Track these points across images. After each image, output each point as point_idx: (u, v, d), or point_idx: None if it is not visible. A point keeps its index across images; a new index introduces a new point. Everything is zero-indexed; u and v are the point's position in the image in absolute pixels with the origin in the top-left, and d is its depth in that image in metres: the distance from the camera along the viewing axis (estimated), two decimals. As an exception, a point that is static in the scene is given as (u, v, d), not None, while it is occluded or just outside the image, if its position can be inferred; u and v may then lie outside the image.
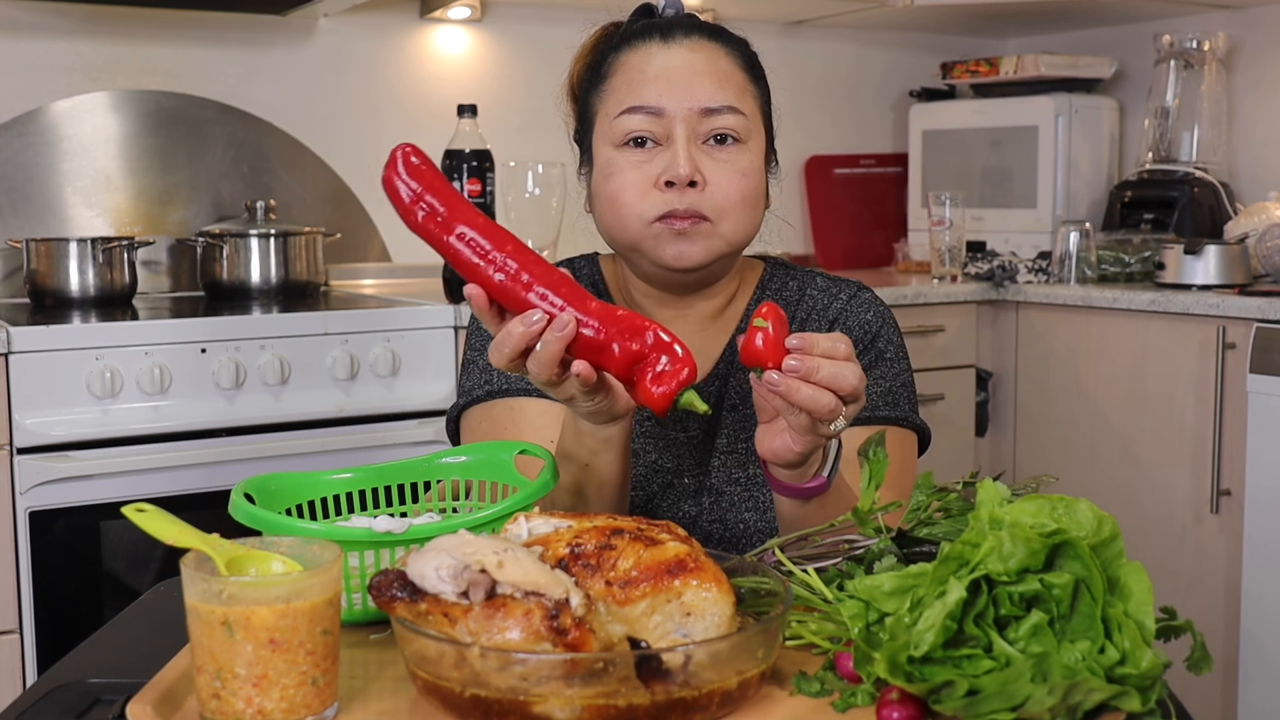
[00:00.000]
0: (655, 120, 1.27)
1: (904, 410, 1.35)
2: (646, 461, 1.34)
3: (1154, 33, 3.22)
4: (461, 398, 1.38)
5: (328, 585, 0.80)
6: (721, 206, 1.27)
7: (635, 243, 1.29)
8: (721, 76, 1.29)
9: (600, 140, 1.31)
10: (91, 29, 2.78)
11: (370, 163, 3.06)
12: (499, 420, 1.33)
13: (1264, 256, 2.75)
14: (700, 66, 1.29)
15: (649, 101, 1.27)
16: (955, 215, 3.06)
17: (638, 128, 1.27)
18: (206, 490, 2.19)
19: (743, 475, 1.34)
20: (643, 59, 1.30)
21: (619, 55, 1.32)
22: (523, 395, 1.33)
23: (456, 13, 3.08)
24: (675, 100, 1.27)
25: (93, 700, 0.85)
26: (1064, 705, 0.74)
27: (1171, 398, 2.67)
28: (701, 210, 1.26)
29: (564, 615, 0.78)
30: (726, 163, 1.27)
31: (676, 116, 1.27)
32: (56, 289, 2.47)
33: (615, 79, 1.31)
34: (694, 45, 1.30)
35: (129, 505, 0.85)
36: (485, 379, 1.35)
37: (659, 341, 1.02)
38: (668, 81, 1.28)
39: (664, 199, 1.26)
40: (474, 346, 1.39)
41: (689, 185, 1.25)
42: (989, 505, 0.84)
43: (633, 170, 1.27)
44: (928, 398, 2.90)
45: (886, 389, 1.35)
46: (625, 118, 1.28)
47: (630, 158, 1.28)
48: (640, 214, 1.27)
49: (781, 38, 3.53)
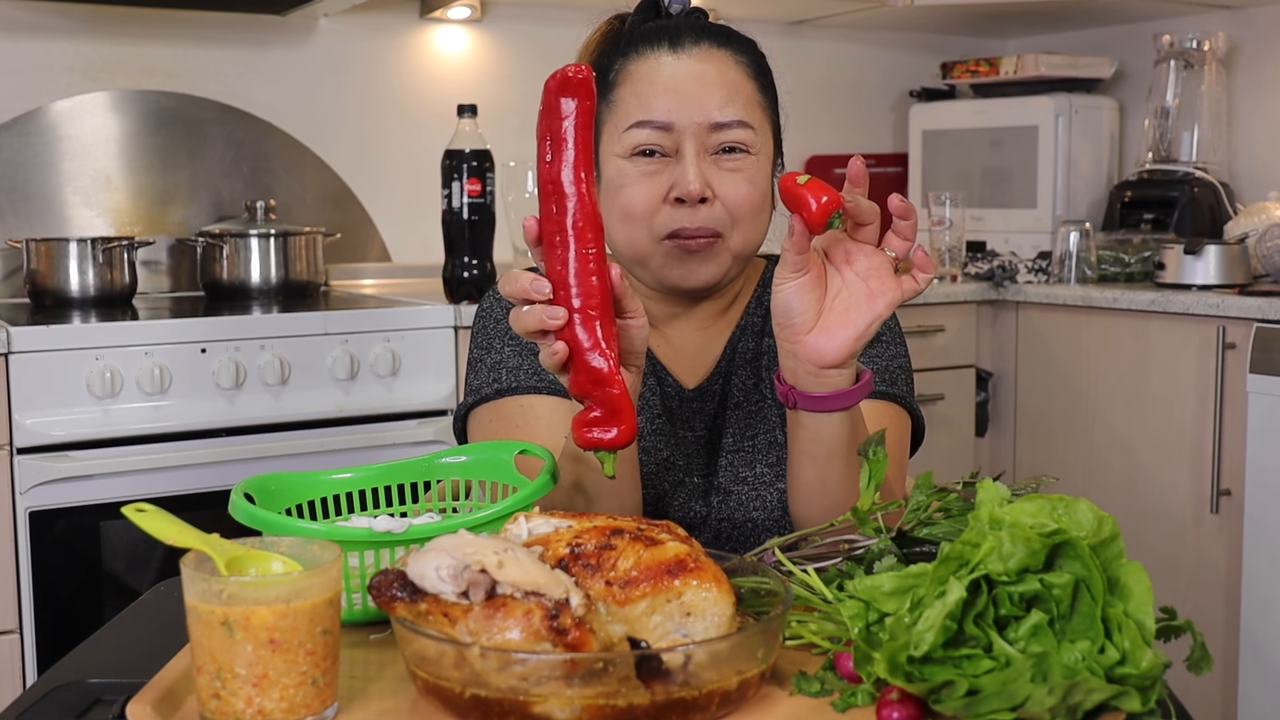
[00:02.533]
0: (664, 134, 1.26)
1: (900, 390, 1.35)
2: (658, 459, 1.34)
3: (1154, 33, 3.22)
4: (470, 396, 1.37)
5: (328, 585, 0.80)
6: (731, 218, 1.27)
7: (644, 258, 1.29)
8: (731, 89, 1.28)
9: (609, 151, 1.30)
10: (91, 29, 2.78)
11: (370, 163, 3.06)
12: (509, 418, 1.32)
13: (1264, 256, 2.75)
14: (710, 78, 1.28)
15: (658, 116, 1.26)
16: (955, 215, 3.06)
17: (646, 141, 1.26)
18: (206, 490, 2.19)
19: (749, 474, 1.34)
20: (651, 70, 1.28)
21: (626, 63, 1.31)
22: (532, 393, 1.32)
23: (456, 13, 3.08)
24: (684, 114, 1.26)
25: (93, 700, 0.85)
26: (1064, 705, 0.74)
27: (1171, 398, 2.67)
28: (713, 226, 1.26)
29: (564, 615, 0.78)
30: (735, 172, 1.27)
31: (686, 131, 1.26)
32: (56, 289, 2.47)
33: (623, 89, 1.30)
34: (704, 55, 1.29)
35: (129, 505, 0.84)
36: (494, 377, 1.34)
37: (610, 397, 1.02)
38: (677, 95, 1.26)
39: (674, 216, 1.25)
40: (480, 346, 1.38)
41: (699, 201, 1.25)
42: (989, 505, 0.84)
43: (643, 181, 1.26)
44: (928, 398, 2.90)
45: (884, 367, 1.35)
46: (634, 132, 1.27)
47: (640, 168, 1.27)
48: (650, 231, 1.26)
49: (782, 38, 3.53)
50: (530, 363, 1.33)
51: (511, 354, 1.34)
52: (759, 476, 1.33)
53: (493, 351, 1.36)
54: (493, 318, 1.38)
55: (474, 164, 2.49)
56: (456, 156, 2.49)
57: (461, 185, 2.49)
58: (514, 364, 1.34)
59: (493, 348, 1.36)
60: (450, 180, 2.50)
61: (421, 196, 3.00)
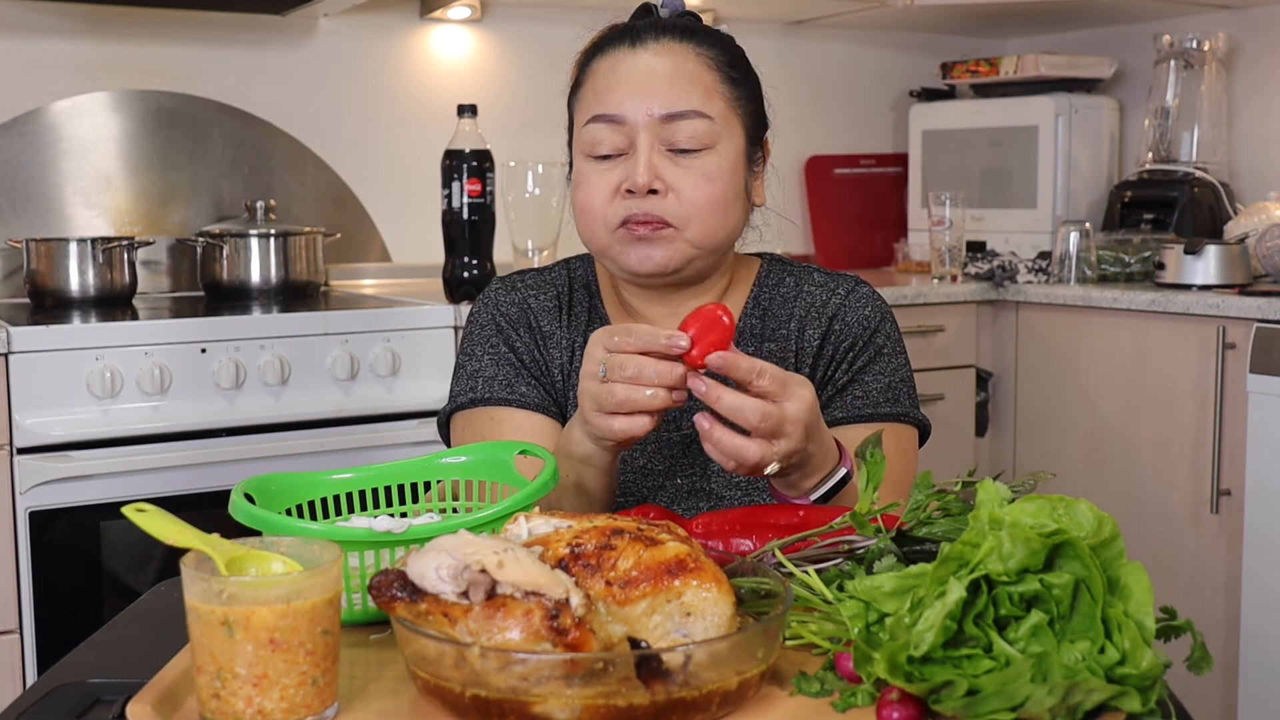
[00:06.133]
0: (618, 129, 1.28)
1: (904, 406, 1.35)
2: (634, 466, 1.34)
3: (1154, 33, 3.22)
4: (449, 402, 1.39)
5: (328, 585, 0.80)
6: (686, 213, 1.27)
7: (602, 249, 1.31)
8: (685, 79, 1.28)
9: (575, 147, 1.33)
10: (91, 29, 2.78)
11: (370, 163, 3.06)
12: (479, 429, 1.34)
13: (1264, 256, 2.75)
14: (662, 71, 1.28)
15: (610, 109, 1.28)
16: (955, 215, 3.06)
17: (601, 136, 1.28)
18: (206, 490, 2.19)
19: (743, 479, 1.33)
20: (609, 66, 1.31)
21: (592, 62, 1.33)
22: (503, 405, 1.34)
23: (456, 13, 3.08)
24: (635, 107, 1.27)
25: (93, 700, 0.85)
26: (1064, 705, 0.74)
27: (1171, 398, 2.67)
28: (663, 216, 1.27)
29: (564, 615, 0.78)
30: (690, 169, 1.27)
31: (638, 123, 1.27)
32: (56, 289, 2.47)
33: (585, 87, 1.33)
34: (661, 49, 1.30)
35: (129, 505, 0.84)
36: (470, 386, 1.36)
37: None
38: (629, 89, 1.28)
39: (624, 205, 1.27)
40: (464, 351, 1.39)
41: (649, 193, 1.26)
42: (989, 505, 0.84)
43: (598, 178, 1.29)
44: (928, 398, 2.90)
45: (886, 385, 1.35)
46: (591, 126, 1.29)
47: (596, 166, 1.29)
48: (604, 221, 1.29)
49: (781, 38, 3.53)
50: (505, 374, 1.34)
51: (489, 363, 1.35)
52: (752, 481, 1.33)
53: (474, 359, 1.37)
54: (478, 324, 1.39)
55: (474, 164, 2.49)
56: (456, 156, 2.49)
57: (461, 185, 2.49)
58: (490, 374, 1.35)
59: (474, 355, 1.37)
60: (450, 180, 2.50)
61: (421, 196, 3.00)
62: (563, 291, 1.40)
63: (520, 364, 1.35)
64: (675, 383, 1.05)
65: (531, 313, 1.38)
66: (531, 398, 1.33)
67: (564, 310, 1.39)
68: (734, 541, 1.05)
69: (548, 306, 1.39)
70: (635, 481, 1.33)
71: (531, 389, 1.34)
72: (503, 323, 1.37)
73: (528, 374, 1.35)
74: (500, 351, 1.36)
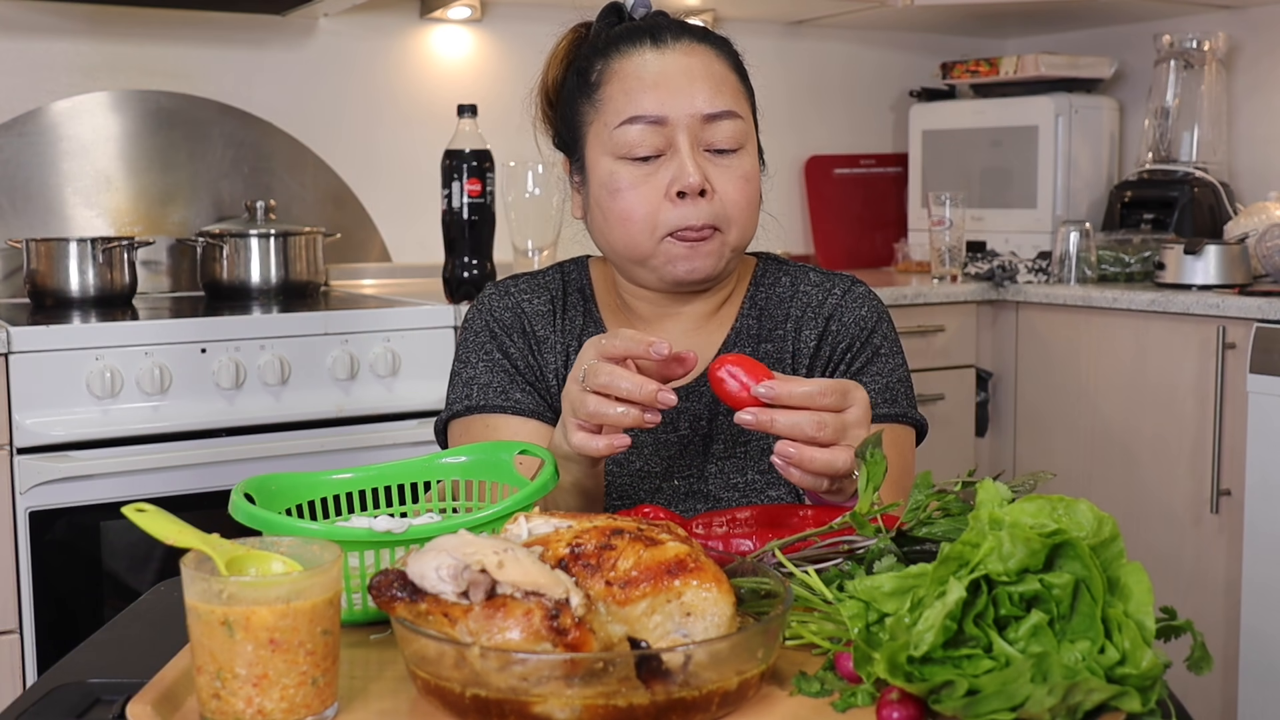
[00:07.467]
0: (657, 129, 1.26)
1: (902, 406, 1.35)
2: (631, 469, 1.34)
3: (1154, 33, 3.22)
4: (445, 411, 1.39)
5: (328, 585, 0.80)
6: (730, 214, 1.27)
7: (644, 258, 1.29)
8: (718, 80, 1.28)
9: (598, 151, 1.30)
10: (91, 29, 2.78)
11: (370, 163, 3.06)
12: (475, 436, 1.34)
13: (1264, 256, 2.75)
14: (697, 71, 1.28)
15: (650, 110, 1.26)
16: (955, 215, 3.06)
17: (641, 138, 1.26)
18: (206, 490, 2.19)
19: (740, 480, 1.33)
20: (638, 66, 1.29)
21: (610, 62, 1.31)
22: (498, 413, 1.33)
23: (456, 13, 3.08)
24: (676, 107, 1.26)
25: (93, 700, 0.85)
26: (1064, 705, 0.74)
27: (1171, 398, 2.67)
28: (713, 221, 1.26)
29: (564, 615, 0.78)
30: (729, 168, 1.27)
31: (679, 124, 1.26)
32: (56, 289, 2.47)
33: (610, 87, 1.30)
34: (687, 49, 1.29)
35: (129, 505, 0.84)
36: (465, 394, 1.35)
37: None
38: (667, 88, 1.26)
39: (678, 213, 1.25)
40: (460, 358, 1.39)
41: (699, 194, 1.25)
42: (989, 505, 0.84)
43: (641, 184, 1.26)
44: (928, 398, 2.90)
45: (884, 385, 1.34)
46: (626, 128, 1.27)
47: (635, 171, 1.27)
48: (653, 230, 1.26)
49: (781, 38, 3.53)
50: (499, 380, 1.34)
51: (484, 370, 1.35)
52: (750, 483, 1.33)
53: (469, 365, 1.36)
54: (472, 330, 1.39)
55: (474, 164, 2.49)
56: (456, 156, 2.49)
57: (461, 185, 2.49)
58: (484, 381, 1.34)
59: (469, 361, 1.37)
60: (450, 180, 2.50)
61: (421, 196, 3.00)
62: (557, 295, 1.40)
63: (515, 370, 1.35)
64: (646, 399, 1.04)
65: (526, 317, 1.37)
66: (526, 404, 1.33)
67: (558, 314, 1.38)
68: (734, 542, 1.05)
69: (542, 311, 1.38)
70: (632, 484, 1.33)
71: (526, 395, 1.34)
72: (497, 329, 1.37)
73: (522, 380, 1.34)
74: (494, 358, 1.35)
